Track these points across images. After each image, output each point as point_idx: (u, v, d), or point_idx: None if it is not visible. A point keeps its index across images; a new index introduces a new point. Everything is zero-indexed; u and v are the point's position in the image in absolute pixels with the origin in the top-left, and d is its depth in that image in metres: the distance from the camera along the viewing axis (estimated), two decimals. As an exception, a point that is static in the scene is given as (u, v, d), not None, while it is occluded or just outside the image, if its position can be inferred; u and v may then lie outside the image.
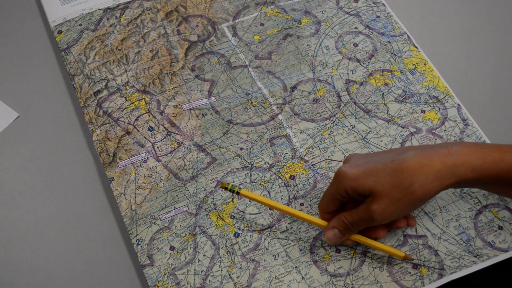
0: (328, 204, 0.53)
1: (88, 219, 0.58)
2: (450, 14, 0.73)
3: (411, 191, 0.48)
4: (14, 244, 0.57)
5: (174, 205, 0.57)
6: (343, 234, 0.52)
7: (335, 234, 0.53)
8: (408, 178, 0.48)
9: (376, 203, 0.49)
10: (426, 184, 0.48)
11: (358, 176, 0.50)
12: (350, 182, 0.50)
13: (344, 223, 0.52)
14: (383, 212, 0.49)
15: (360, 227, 0.51)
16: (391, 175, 0.49)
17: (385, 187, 0.48)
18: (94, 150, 0.62)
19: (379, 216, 0.49)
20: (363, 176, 0.50)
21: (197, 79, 0.65)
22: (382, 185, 0.49)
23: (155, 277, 0.53)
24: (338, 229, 0.52)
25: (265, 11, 0.70)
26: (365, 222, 0.51)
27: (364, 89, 0.65)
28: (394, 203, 0.48)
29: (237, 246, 0.55)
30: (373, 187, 0.49)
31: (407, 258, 0.53)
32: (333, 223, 0.53)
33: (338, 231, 0.52)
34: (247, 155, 0.60)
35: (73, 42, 0.67)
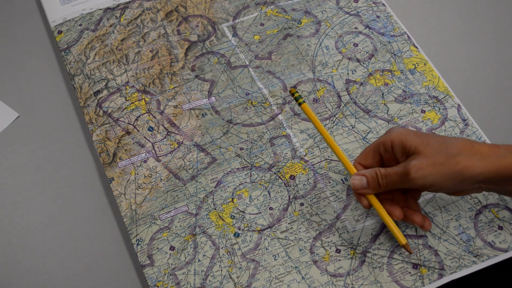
0: (367, 155, 0.52)
1: (88, 219, 0.58)
2: (450, 14, 0.73)
3: (455, 161, 0.47)
4: (14, 244, 0.57)
5: (174, 205, 0.57)
6: (369, 185, 0.51)
7: (361, 181, 0.51)
8: (455, 150, 0.48)
9: (417, 159, 0.48)
10: (471, 160, 0.47)
11: (409, 133, 0.50)
12: (399, 135, 0.50)
13: (375, 174, 0.50)
14: (421, 170, 0.48)
15: (390, 183, 0.50)
16: (440, 143, 0.49)
17: (431, 150, 0.48)
18: (94, 150, 0.62)
19: (414, 172, 0.48)
20: (414, 135, 0.50)
21: (197, 79, 0.65)
22: (428, 147, 0.48)
23: (155, 277, 0.53)
24: (367, 177, 0.51)
25: (265, 11, 0.70)
26: (399, 177, 0.49)
27: (364, 89, 0.65)
28: (434, 166, 0.48)
29: (237, 246, 0.55)
30: (419, 145, 0.49)
31: (407, 248, 0.52)
32: (363, 171, 0.52)
33: (365, 180, 0.51)
34: (247, 155, 0.60)
35: (73, 42, 0.67)
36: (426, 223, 0.52)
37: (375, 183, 0.51)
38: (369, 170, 0.51)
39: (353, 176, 0.52)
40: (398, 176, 0.49)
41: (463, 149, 0.48)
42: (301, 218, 0.57)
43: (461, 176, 0.48)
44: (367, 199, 0.52)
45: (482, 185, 0.50)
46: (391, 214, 0.52)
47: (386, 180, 0.50)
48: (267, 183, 0.59)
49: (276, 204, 0.57)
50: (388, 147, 0.51)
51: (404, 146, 0.50)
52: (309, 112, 0.55)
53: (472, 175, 0.48)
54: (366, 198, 0.52)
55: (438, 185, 0.49)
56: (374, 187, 0.51)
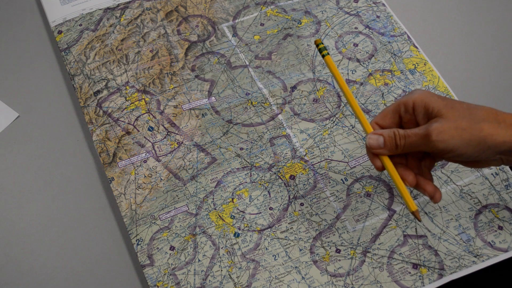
0: (385, 115, 0.50)
1: (88, 219, 0.58)
2: (450, 14, 0.73)
3: (479, 128, 0.45)
4: (14, 244, 0.57)
5: (174, 205, 0.57)
6: (386, 145, 0.48)
7: (378, 140, 0.48)
8: (480, 116, 0.46)
9: (439, 122, 0.46)
10: (495, 128, 0.46)
11: (433, 95, 0.48)
12: (422, 96, 0.47)
13: (393, 134, 0.48)
14: (443, 133, 0.45)
15: (409, 145, 0.47)
16: (464, 108, 0.47)
17: (455, 113, 0.46)
18: (94, 150, 0.62)
19: (436, 135, 0.45)
20: (437, 97, 0.48)
21: (197, 79, 0.65)
22: (452, 110, 0.46)
23: (155, 277, 0.53)
24: (384, 137, 0.48)
25: (265, 11, 0.70)
26: (419, 139, 0.47)
27: (364, 89, 0.65)
28: (457, 130, 0.45)
29: (237, 246, 0.55)
30: (443, 108, 0.46)
31: (416, 215, 0.49)
32: (381, 130, 0.49)
33: (382, 139, 0.48)
34: (247, 155, 0.60)
35: (73, 42, 0.67)
36: (437, 194, 0.49)
37: (392, 143, 0.48)
38: (387, 130, 0.49)
39: (369, 135, 0.49)
40: (419, 137, 0.47)
41: (488, 116, 0.46)
42: (301, 218, 0.57)
43: (484, 144, 0.46)
44: (381, 160, 0.49)
45: (503, 156, 0.47)
46: (404, 179, 0.49)
47: (405, 141, 0.47)
48: (267, 183, 0.59)
49: (276, 204, 0.57)
50: (410, 108, 0.48)
51: (426, 107, 0.47)
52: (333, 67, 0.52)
53: (495, 143, 0.46)
54: (379, 159, 0.49)
55: (458, 151, 0.46)
56: (391, 147, 0.48)
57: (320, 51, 0.52)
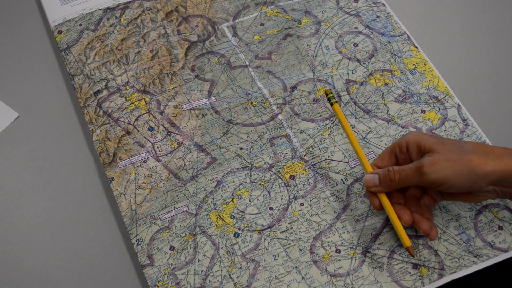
0: (383, 157, 0.53)
1: (88, 219, 0.58)
2: (450, 14, 0.73)
3: (469, 159, 0.48)
4: (14, 244, 0.57)
5: (174, 205, 0.57)
6: (381, 182, 0.52)
7: (373, 179, 0.52)
8: (469, 149, 0.49)
9: (431, 156, 0.49)
10: (484, 158, 0.48)
11: (424, 134, 0.52)
12: (415, 136, 0.51)
13: (387, 171, 0.51)
14: (434, 165, 0.48)
15: (403, 178, 0.50)
16: (454, 143, 0.50)
17: (446, 148, 0.49)
18: (94, 150, 0.62)
19: (428, 167, 0.49)
20: (429, 136, 0.51)
21: (197, 79, 0.65)
22: (443, 145, 0.50)
23: (155, 277, 0.53)
24: (379, 175, 0.52)
25: (265, 11, 0.70)
26: (412, 172, 0.50)
27: (364, 89, 0.65)
28: (448, 161, 0.48)
29: (237, 246, 0.55)
30: (434, 144, 0.50)
31: (410, 251, 0.52)
32: (377, 170, 0.53)
33: (377, 177, 0.52)
34: (247, 155, 0.60)
35: (73, 42, 0.67)
36: (433, 232, 0.52)
37: (387, 179, 0.51)
38: (382, 169, 0.52)
39: (365, 176, 0.53)
40: (412, 171, 0.50)
41: (477, 149, 0.49)
42: (301, 218, 0.57)
43: (474, 173, 0.48)
44: (379, 199, 0.53)
45: (496, 187, 0.50)
46: (399, 217, 0.52)
47: (399, 175, 0.51)
48: (267, 183, 0.59)
49: (276, 204, 0.57)
50: (404, 148, 0.52)
51: (419, 145, 0.51)
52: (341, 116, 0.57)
53: (485, 173, 0.48)
54: (377, 198, 0.53)
55: (450, 182, 0.49)
56: (386, 184, 0.52)
57: (329, 99, 0.58)
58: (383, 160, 0.54)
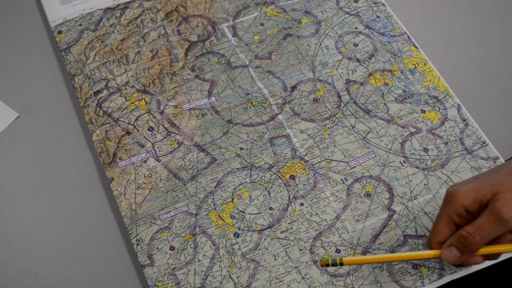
0: (441, 231, 0.47)
1: (88, 219, 0.58)
2: (450, 14, 0.73)
3: None
4: (14, 244, 0.57)
5: (174, 205, 0.57)
6: (463, 252, 0.46)
7: (452, 252, 0.46)
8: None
9: (502, 200, 0.44)
10: None
11: (474, 187, 0.46)
12: (467, 195, 0.45)
13: (462, 236, 0.45)
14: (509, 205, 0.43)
15: (484, 236, 0.45)
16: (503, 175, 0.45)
17: (508, 184, 0.44)
18: (94, 150, 0.62)
19: (507, 213, 0.43)
20: (480, 184, 0.46)
21: (197, 79, 0.65)
22: (503, 184, 0.44)
23: (155, 277, 0.53)
24: (456, 246, 0.46)
25: (265, 11, 0.70)
26: (492, 224, 0.44)
27: (364, 89, 0.65)
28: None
29: (237, 246, 0.55)
30: (493, 187, 0.44)
31: None
32: (449, 240, 0.46)
33: (455, 249, 0.46)
34: (247, 155, 0.60)
35: (73, 42, 0.67)
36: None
37: (467, 245, 0.45)
38: (454, 236, 0.46)
39: (441, 253, 0.47)
40: (491, 224, 0.44)
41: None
42: (301, 218, 0.57)
43: None
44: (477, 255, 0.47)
45: None
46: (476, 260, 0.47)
47: (480, 236, 0.45)
48: (267, 183, 0.59)
49: (276, 204, 0.57)
50: (462, 212, 0.46)
51: (479, 201, 0.45)
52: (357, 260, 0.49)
53: None
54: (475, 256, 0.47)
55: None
56: (467, 250, 0.46)
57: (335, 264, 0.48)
58: (443, 235, 0.47)
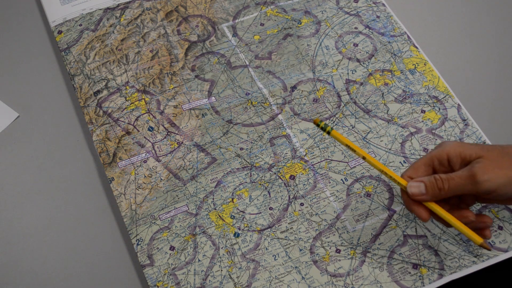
0: (417, 168, 0.49)
1: (88, 219, 0.58)
2: (450, 14, 0.73)
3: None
4: (14, 244, 0.57)
5: (174, 205, 0.57)
6: (427, 191, 0.48)
7: (419, 187, 0.48)
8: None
9: (481, 162, 0.46)
10: None
11: (465, 144, 0.48)
12: (456, 147, 0.48)
13: (434, 179, 0.47)
14: (488, 172, 0.45)
15: (453, 187, 0.47)
16: (499, 149, 0.47)
17: (494, 154, 0.46)
18: (94, 150, 0.62)
19: (481, 175, 0.45)
20: (470, 144, 0.48)
21: (197, 79, 0.65)
22: (490, 152, 0.47)
23: (155, 277, 0.53)
24: (425, 183, 0.48)
25: (265, 11, 0.70)
26: (464, 180, 0.46)
27: (364, 89, 0.65)
28: (501, 169, 0.46)
29: (237, 246, 0.55)
30: (480, 151, 0.47)
31: (485, 246, 0.49)
32: (422, 178, 0.48)
33: (423, 186, 0.48)
34: (247, 155, 0.60)
35: (73, 42, 0.67)
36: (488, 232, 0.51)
37: (435, 188, 0.47)
38: (427, 177, 0.48)
39: (409, 183, 0.49)
40: (464, 179, 0.46)
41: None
42: (301, 218, 0.57)
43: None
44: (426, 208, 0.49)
45: None
46: (463, 216, 0.49)
47: (449, 184, 0.47)
48: (267, 183, 0.59)
49: (276, 204, 0.57)
50: (444, 160, 0.49)
51: (463, 156, 0.48)
52: (342, 138, 0.51)
53: None
54: (424, 208, 0.49)
55: (503, 189, 0.46)
56: (434, 192, 0.48)
57: (323, 129, 0.51)
58: (417, 171, 0.49)
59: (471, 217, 0.49)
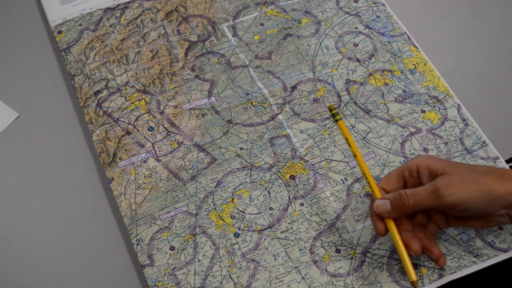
0: (389, 179, 0.51)
1: (88, 219, 0.58)
2: (450, 14, 0.73)
3: (484, 180, 0.47)
4: (14, 244, 0.57)
5: (174, 205, 0.57)
6: (393, 208, 0.49)
7: (385, 205, 0.49)
8: (483, 171, 0.48)
9: (445, 177, 0.48)
10: (498, 180, 0.47)
11: (435, 158, 0.50)
12: (425, 160, 0.50)
13: (399, 195, 0.49)
14: (451, 186, 0.47)
15: (418, 202, 0.48)
16: (466, 166, 0.49)
17: (459, 169, 0.48)
18: (94, 150, 0.62)
19: (445, 189, 0.47)
20: (439, 159, 0.50)
21: (197, 79, 0.65)
22: (456, 167, 0.48)
23: (155, 277, 0.53)
24: (391, 200, 0.49)
25: (265, 11, 0.70)
26: (428, 194, 0.48)
27: (364, 89, 0.65)
28: (464, 183, 0.47)
29: (237, 246, 0.55)
30: (447, 166, 0.48)
31: (415, 285, 0.49)
32: (388, 195, 0.50)
33: (389, 203, 0.49)
34: (247, 155, 0.60)
35: (73, 42, 0.67)
36: (442, 259, 0.51)
37: (399, 204, 0.49)
38: (392, 193, 0.50)
39: (376, 201, 0.50)
40: (428, 193, 0.48)
41: (490, 170, 0.48)
42: (301, 218, 0.57)
43: (490, 195, 0.47)
44: (385, 224, 0.50)
45: (509, 211, 0.48)
46: (408, 247, 0.50)
47: (414, 200, 0.48)
48: (267, 183, 0.59)
49: (276, 204, 0.57)
50: (413, 171, 0.50)
51: (431, 169, 0.49)
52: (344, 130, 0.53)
53: (501, 195, 0.47)
54: (383, 223, 0.50)
55: (467, 204, 0.47)
56: (399, 209, 0.49)
57: (334, 115, 0.54)
58: (389, 182, 0.51)
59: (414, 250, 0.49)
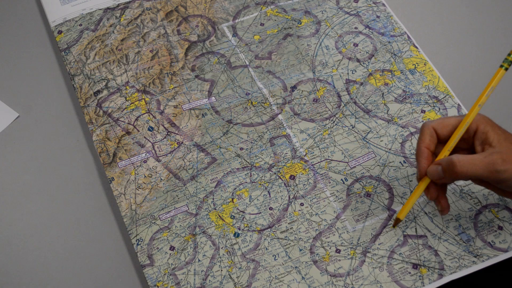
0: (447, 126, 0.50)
1: (88, 219, 0.58)
2: (450, 14, 0.73)
3: None
4: (14, 244, 0.57)
5: (174, 205, 0.57)
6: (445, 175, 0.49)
7: (437, 170, 0.49)
8: None
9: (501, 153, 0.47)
10: None
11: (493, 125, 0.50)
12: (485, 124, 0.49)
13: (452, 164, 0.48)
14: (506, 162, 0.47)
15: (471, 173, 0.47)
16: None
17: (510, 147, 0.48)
18: (94, 150, 0.62)
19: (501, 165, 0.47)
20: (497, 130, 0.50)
21: (197, 79, 0.65)
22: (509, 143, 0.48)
23: (155, 277, 0.53)
24: (443, 167, 0.49)
25: (265, 11, 0.70)
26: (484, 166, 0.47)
27: (364, 89, 0.65)
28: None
29: (237, 246, 0.55)
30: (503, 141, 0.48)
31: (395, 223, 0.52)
32: (441, 160, 0.50)
33: (441, 169, 0.49)
34: (247, 155, 0.60)
35: (73, 42, 0.67)
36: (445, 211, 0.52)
37: (452, 171, 0.48)
38: (445, 160, 0.49)
39: (429, 168, 0.50)
40: (484, 165, 0.47)
41: None
42: (301, 218, 0.57)
43: None
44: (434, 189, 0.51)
45: None
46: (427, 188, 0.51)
47: (467, 169, 0.48)
48: (267, 183, 0.59)
49: (276, 204, 0.57)
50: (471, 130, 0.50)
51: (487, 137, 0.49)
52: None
53: None
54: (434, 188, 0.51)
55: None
56: (451, 176, 0.49)
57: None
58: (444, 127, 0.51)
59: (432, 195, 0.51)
